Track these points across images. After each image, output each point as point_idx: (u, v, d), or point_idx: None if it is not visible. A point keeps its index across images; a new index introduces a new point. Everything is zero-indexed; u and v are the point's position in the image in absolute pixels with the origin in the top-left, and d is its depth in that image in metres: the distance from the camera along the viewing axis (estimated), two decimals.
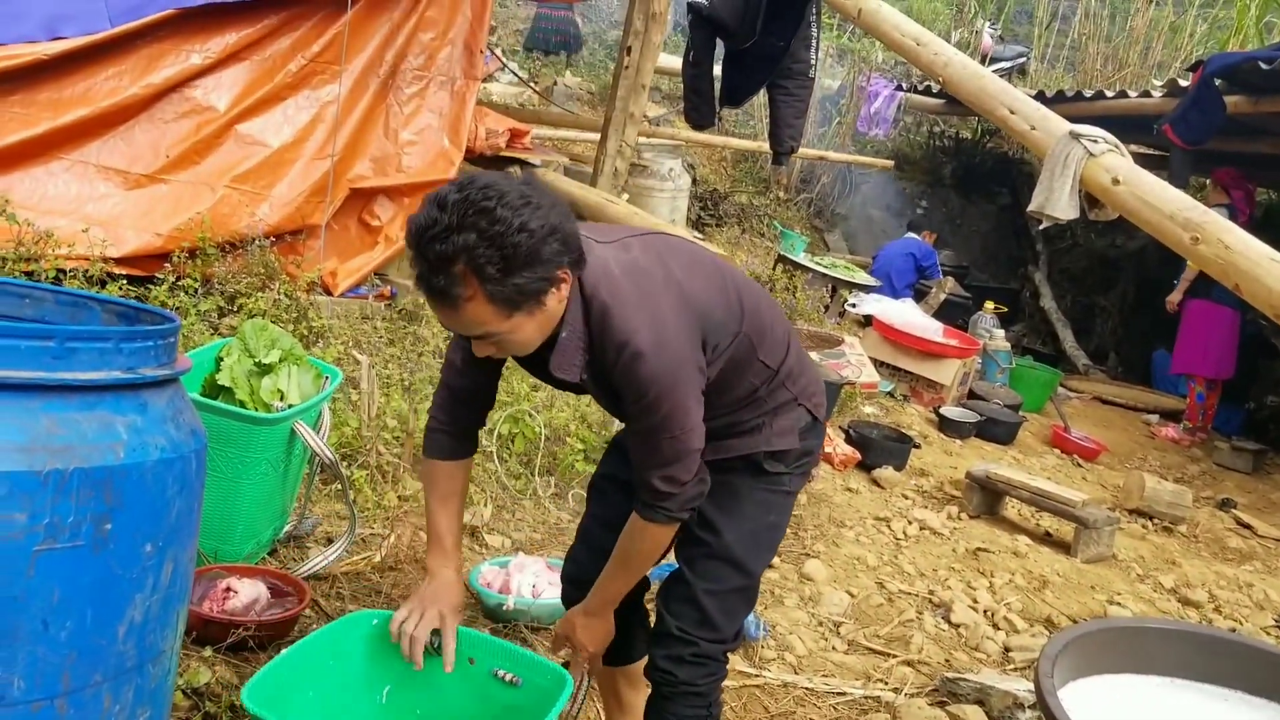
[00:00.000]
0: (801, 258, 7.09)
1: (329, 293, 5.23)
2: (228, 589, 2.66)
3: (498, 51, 9.92)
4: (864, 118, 10.16)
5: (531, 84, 10.23)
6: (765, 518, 2.09)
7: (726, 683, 2.82)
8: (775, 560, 3.84)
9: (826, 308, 6.75)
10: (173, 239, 4.91)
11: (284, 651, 1.98)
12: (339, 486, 3.46)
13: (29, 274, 4.16)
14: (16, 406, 1.23)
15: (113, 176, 5.00)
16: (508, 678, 2.04)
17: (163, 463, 1.37)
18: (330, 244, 5.39)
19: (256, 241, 4.90)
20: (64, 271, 4.28)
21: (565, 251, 1.73)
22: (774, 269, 7.10)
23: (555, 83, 10.90)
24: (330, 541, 3.19)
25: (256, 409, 3.06)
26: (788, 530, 4.09)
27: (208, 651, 2.40)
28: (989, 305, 7.64)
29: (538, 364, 1.93)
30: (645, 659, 2.16)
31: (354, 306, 5.17)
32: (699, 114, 5.43)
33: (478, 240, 1.65)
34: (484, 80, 8.88)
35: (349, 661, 2.06)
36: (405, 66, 5.59)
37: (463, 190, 1.69)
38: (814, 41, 5.16)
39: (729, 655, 2.14)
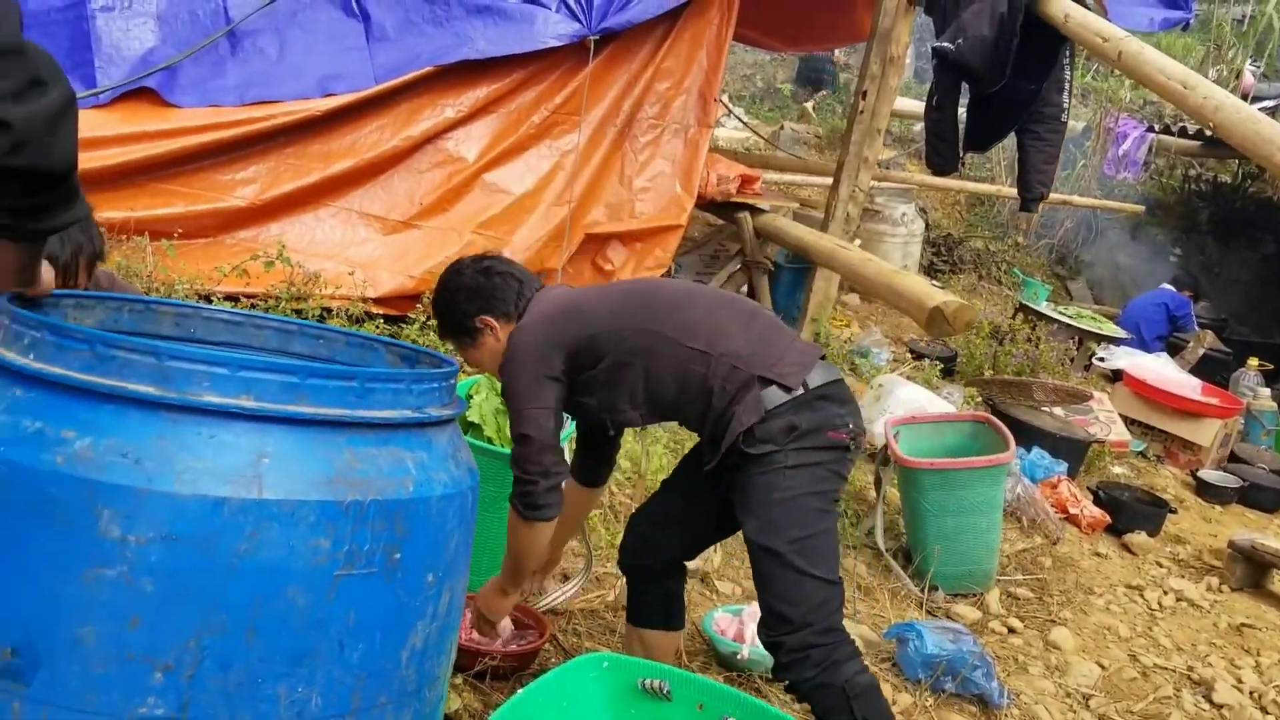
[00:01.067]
0: (1044, 307, 6.78)
1: None
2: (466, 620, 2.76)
3: (724, 98, 10.05)
4: (1111, 160, 9.65)
5: (756, 131, 10.30)
6: (771, 496, 2.20)
7: None
8: (1018, 624, 3.65)
9: (1072, 360, 6.40)
10: (424, 281, 5.20)
11: (523, 690, 2.02)
12: None
13: (298, 311, 4.50)
14: (325, 441, 1.32)
15: (372, 222, 5.35)
16: None
17: (445, 497, 1.44)
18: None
19: None
20: (328, 310, 4.60)
21: (476, 307, 2.38)
22: (1013, 318, 6.81)
23: (781, 127, 10.93)
24: (566, 579, 3.26)
25: (503, 445, 3.17)
26: (1032, 594, 3.88)
27: (458, 679, 2.49)
28: (1253, 362, 7.06)
29: None
30: (659, 630, 2.58)
31: None
32: (941, 159, 5.30)
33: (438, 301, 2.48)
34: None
35: (583, 703, 2.09)
36: (641, 115, 5.74)
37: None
38: (1067, 84, 4.95)
39: (837, 628, 2.22)
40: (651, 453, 3.91)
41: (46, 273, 1.51)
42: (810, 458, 2.21)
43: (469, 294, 2.38)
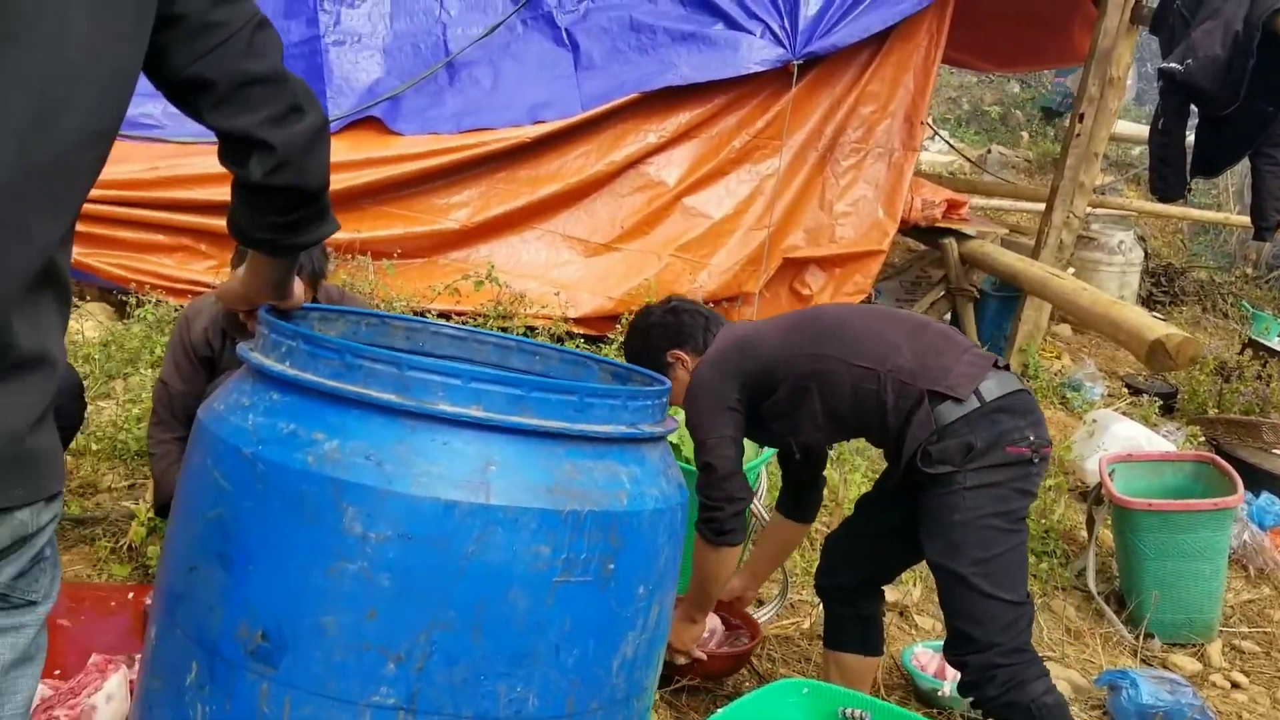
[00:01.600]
0: (1275, 343, 6.30)
1: None
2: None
3: (929, 120, 9.84)
4: None
5: (963, 153, 10.03)
6: (951, 518, 2.19)
7: None
8: (1242, 679, 3.40)
9: None
10: (623, 302, 5.31)
11: (721, 710, 2.03)
12: None
13: (503, 328, 4.68)
14: (546, 452, 1.37)
15: (575, 245, 5.52)
16: None
17: (656, 512, 1.47)
18: (762, 310, 5.57)
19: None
20: (531, 328, 4.77)
21: (666, 339, 2.53)
22: (1241, 353, 6.36)
23: (989, 150, 10.61)
24: (761, 603, 3.25)
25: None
26: (1259, 648, 3.61)
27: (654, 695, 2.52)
28: None
29: None
30: (856, 654, 2.56)
31: None
32: (1166, 185, 5.01)
33: (632, 345, 2.62)
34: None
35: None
36: (844, 140, 5.69)
37: (640, 314, 2.71)
38: None
39: (1023, 648, 2.18)
40: (850, 480, 3.86)
41: (298, 287, 1.64)
42: (990, 477, 2.18)
43: (660, 331, 2.52)
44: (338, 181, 5.53)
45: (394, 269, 4.99)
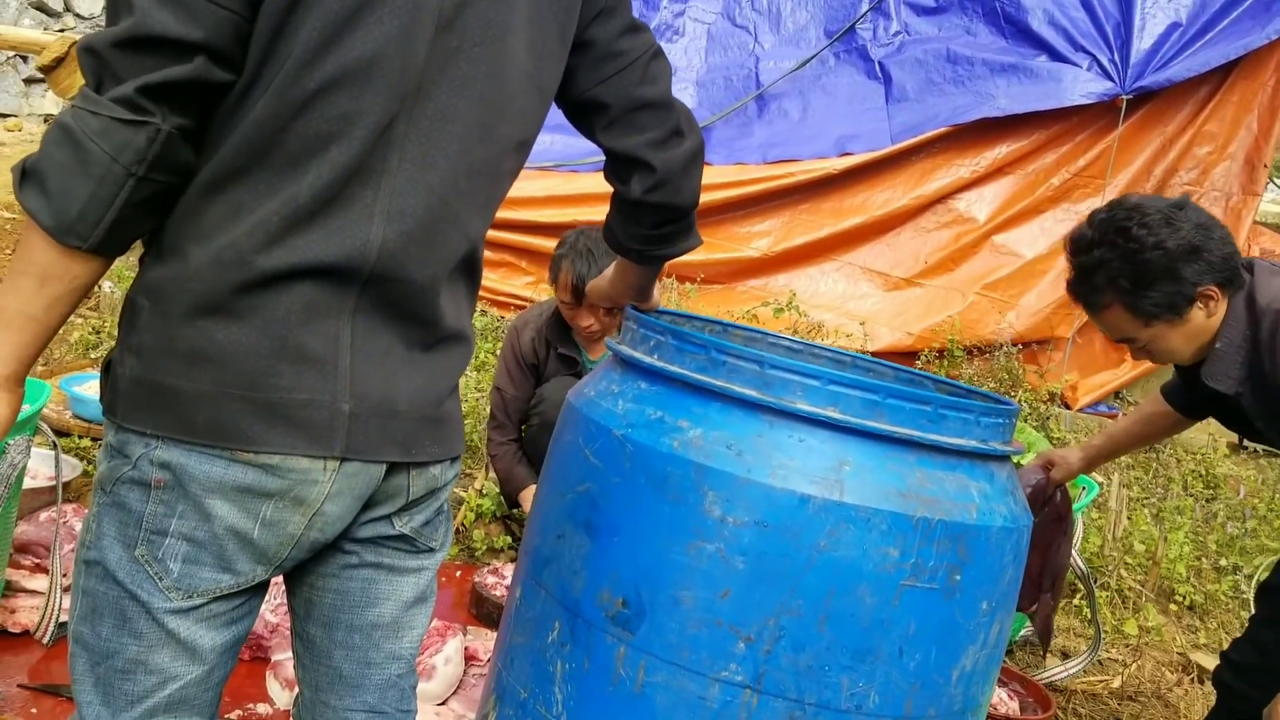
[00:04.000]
0: None
1: (1068, 406, 5.15)
2: None
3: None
4: None
5: None
6: None
7: None
8: None
9: None
10: (922, 339, 5.23)
11: None
12: (1078, 600, 3.37)
13: None
14: (898, 458, 1.40)
15: (874, 278, 5.50)
16: None
17: (1003, 530, 1.46)
18: (1074, 357, 5.33)
19: (1003, 348, 5.02)
20: None
21: (1209, 271, 1.86)
22: None
23: None
24: (1066, 656, 3.10)
25: None
26: None
27: None
28: None
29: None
30: None
31: (1094, 423, 5.02)
32: None
33: (1113, 256, 1.88)
34: None
35: None
36: (1174, 181, 5.36)
37: (1111, 209, 1.93)
38: None
39: None
40: (1171, 540, 3.61)
41: (657, 292, 1.76)
42: None
43: (1190, 254, 1.86)
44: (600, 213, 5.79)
45: (696, 292, 5.16)
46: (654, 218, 1.48)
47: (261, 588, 1.28)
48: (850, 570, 1.36)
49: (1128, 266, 1.87)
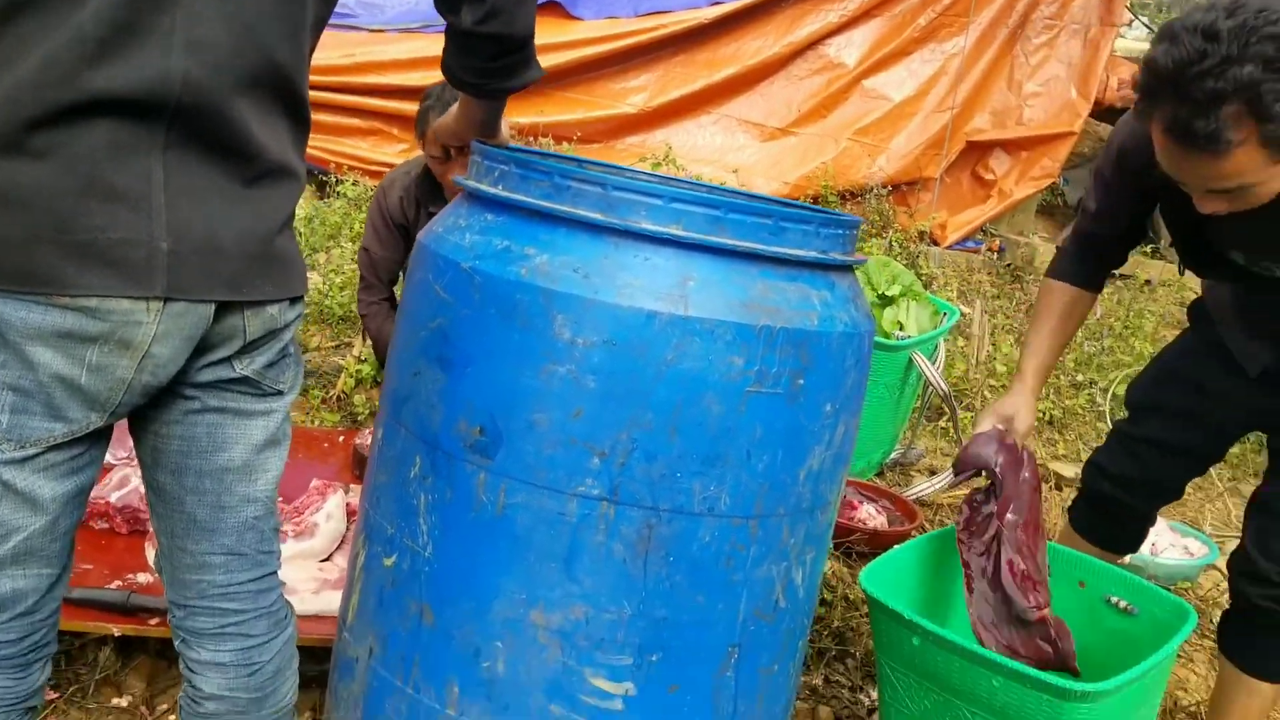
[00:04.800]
0: None
1: (936, 244, 5.30)
2: (849, 502, 2.86)
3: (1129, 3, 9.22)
4: None
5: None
6: None
7: None
8: None
9: None
10: (798, 187, 5.29)
11: (896, 548, 2.08)
12: (943, 422, 3.54)
13: None
14: (742, 272, 1.44)
15: (750, 129, 5.51)
16: (1121, 604, 1.97)
17: (844, 335, 1.52)
18: (942, 196, 5.45)
19: (874, 191, 5.11)
20: None
21: None
22: None
23: None
24: (934, 473, 3.27)
25: (877, 337, 3.22)
26: None
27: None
28: None
29: (1188, 223, 1.80)
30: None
31: (962, 259, 5.19)
32: None
33: (1264, 73, 1.41)
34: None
35: (951, 569, 2.12)
36: (1036, 15, 5.45)
37: (1234, 14, 1.44)
38: None
39: None
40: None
41: (505, 128, 1.74)
42: None
43: None
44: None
45: (573, 151, 5.10)
46: (489, 49, 1.46)
47: (101, 436, 1.27)
48: (697, 381, 1.40)
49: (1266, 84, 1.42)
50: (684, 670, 1.48)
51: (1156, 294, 4.99)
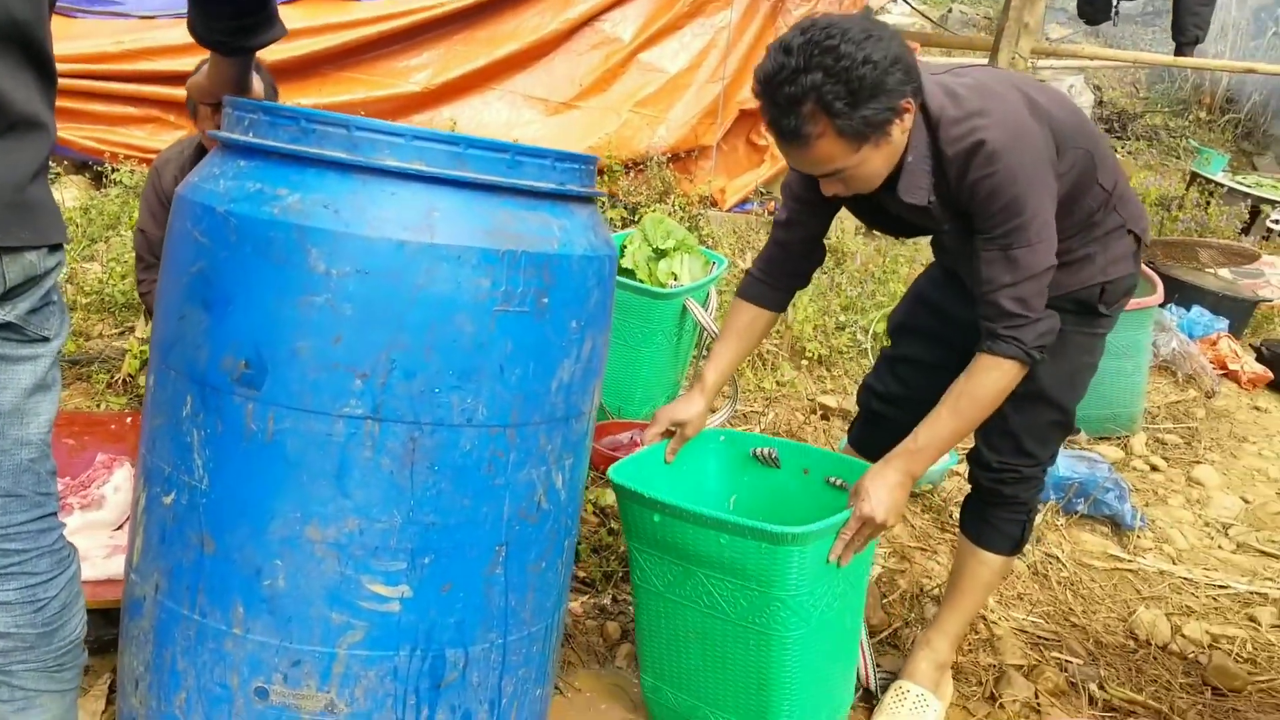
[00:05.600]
0: (1219, 175, 6.51)
1: (717, 207, 5.58)
2: (633, 440, 3.04)
3: None
4: None
5: (924, 13, 10.03)
6: (1082, 359, 2.16)
7: (1093, 562, 2.83)
8: (1161, 463, 3.70)
9: (1246, 228, 6.16)
10: None
11: (640, 450, 2.25)
12: None
13: None
14: (483, 201, 1.57)
15: (535, 104, 5.63)
16: (838, 483, 2.21)
17: (584, 258, 1.68)
18: (720, 162, 5.73)
19: (655, 160, 5.33)
20: None
21: (908, 80, 1.81)
22: (1186, 189, 6.58)
23: (950, 10, 10.62)
24: (714, 412, 3.51)
25: (655, 285, 3.42)
26: (1181, 440, 3.91)
27: None
28: None
29: (870, 208, 2.10)
30: None
31: (741, 220, 5.48)
32: (1093, 7, 5.15)
33: (824, 78, 1.75)
34: (877, 9, 8.85)
35: (702, 469, 2.32)
36: None
37: (805, 32, 1.79)
38: None
39: (1047, 470, 2.28)
40: (799, 306, 4.09)
41: (256, 84, 1.82)
42: (1112, 325, 2.21)
43: (893, 64, 1.78)
44: (297, 48, 5.64)
45: None
46: (229, 10, 1.54)
47: None
48: (448, 303, 1.53)
49: (841, 87, 1.75)
50: (455, 570, 1.62)
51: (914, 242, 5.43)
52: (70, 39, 4.89)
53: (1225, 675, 2.48)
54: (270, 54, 4.83)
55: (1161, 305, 4.01)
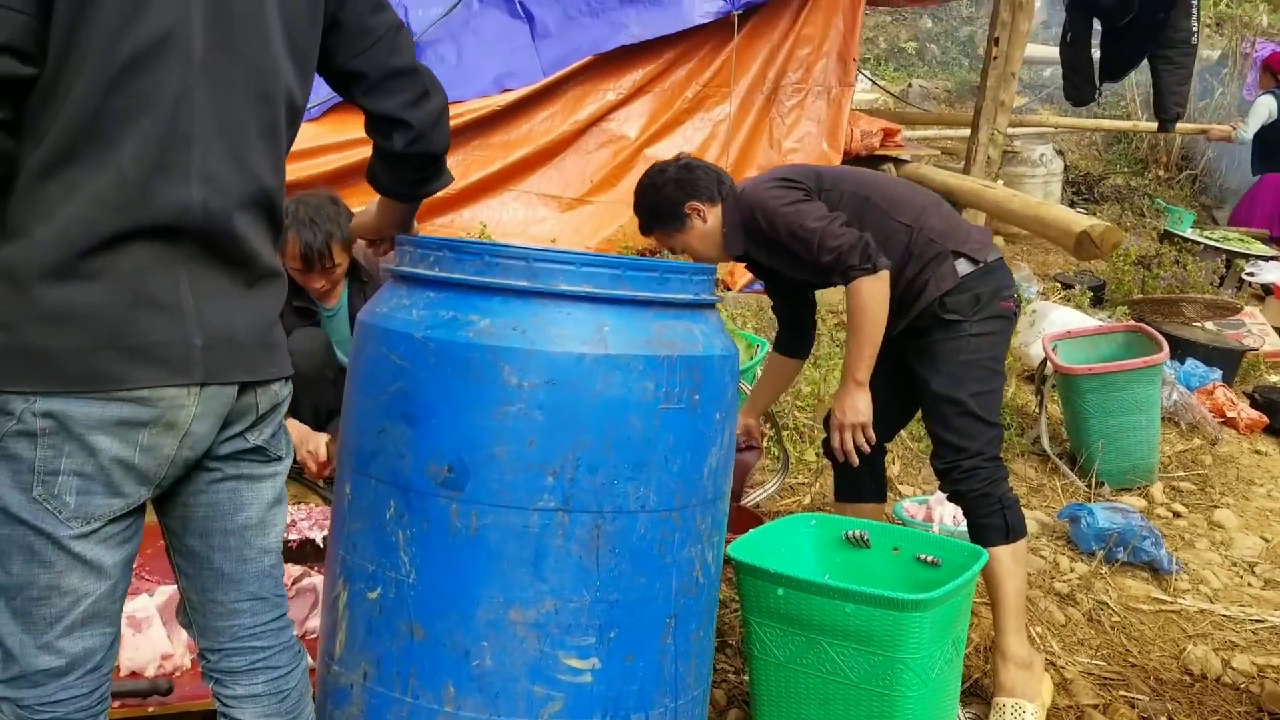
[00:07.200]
0: (1189, 232, 6.92)
1: (729, 289, 5.87)
2: None
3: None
4: (1251, 85, 9.56)
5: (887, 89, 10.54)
6: (957, 358, 2.61)
7: (1140, 605, 3.06)
8: (1182, 509, 3.96)
9: (1222, 279, 6.55)
10: (600, 250, 5.74)
11: (761, 526, 2.48)
12: (766, 442, 4.02)
13: None
14: (642, 315, 1.81)
15: (549, 201, 5.93)
16: (929, 560, 2.44)
17: (721, 358, 1.92)
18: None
19: (663, 252, 5.61)
20: None
21: (692, 194, 2.71)
22: (1160, 245, 6.98)
23: (910, 85, 11.13)
24: (763, 484, 3.73)
25: None
26: (1195, 486, 4.18)
27: None
28: None
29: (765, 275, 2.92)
30: (872, 503, 2.90)
31: (753, 299, 5.76)
32: (1079, 91, 5.56)
33: (644, 199, 2.83)
34: None
35: (797, 550, 2.54)
36: (785, 82, 6.15)
37: (646, 174, 2.85)
38: (1194, 9, 5.17)
39: (998, 457, 2.64)
40: (830, 379, 4.35)
41: (415, 222, 2.07)
42: (988, 327, 2.62)
43: (675, 185, 2.73)
44: (325, 164, 5.91)
45: None
46: (415, 165, 1.79)
47: (143, 508, 1.50)
48: (621, 405, 1.77)
49: (650, 202, 2.79)
50: (636, 642, 1.82)
51: None
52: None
53: (1279, 701, 2.72)
54: (300, 171, 5.10)
55: None
